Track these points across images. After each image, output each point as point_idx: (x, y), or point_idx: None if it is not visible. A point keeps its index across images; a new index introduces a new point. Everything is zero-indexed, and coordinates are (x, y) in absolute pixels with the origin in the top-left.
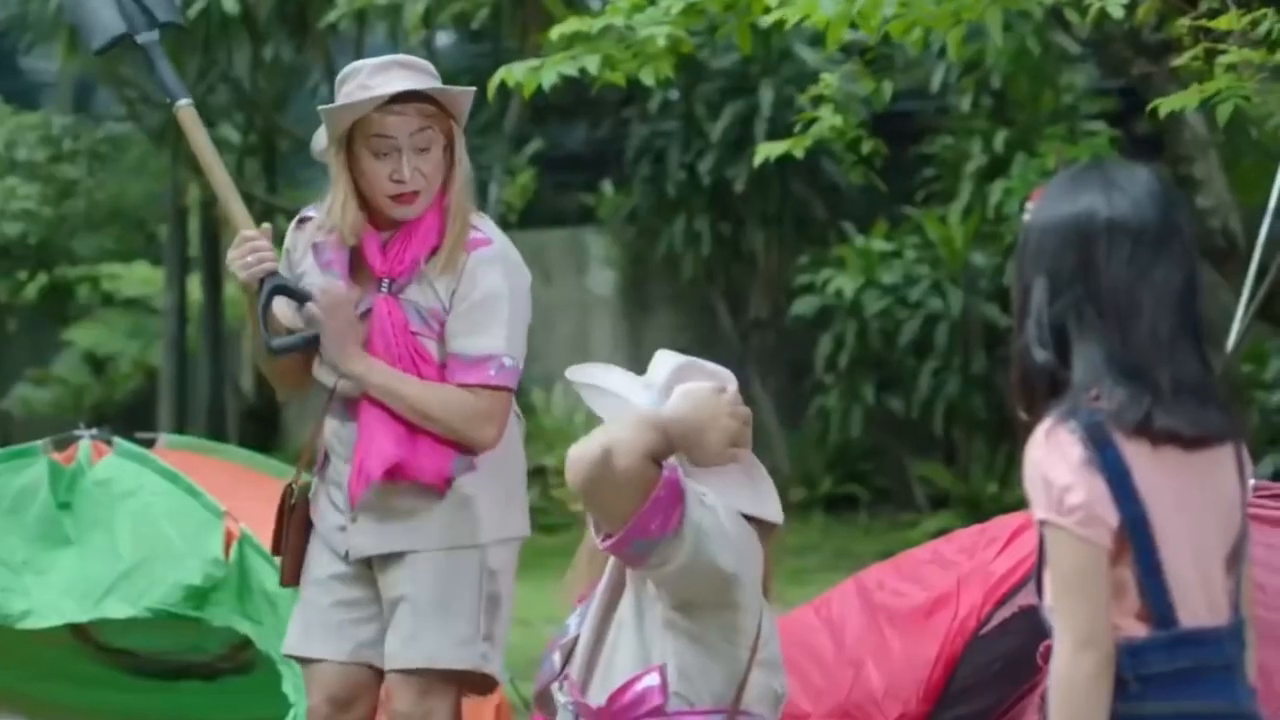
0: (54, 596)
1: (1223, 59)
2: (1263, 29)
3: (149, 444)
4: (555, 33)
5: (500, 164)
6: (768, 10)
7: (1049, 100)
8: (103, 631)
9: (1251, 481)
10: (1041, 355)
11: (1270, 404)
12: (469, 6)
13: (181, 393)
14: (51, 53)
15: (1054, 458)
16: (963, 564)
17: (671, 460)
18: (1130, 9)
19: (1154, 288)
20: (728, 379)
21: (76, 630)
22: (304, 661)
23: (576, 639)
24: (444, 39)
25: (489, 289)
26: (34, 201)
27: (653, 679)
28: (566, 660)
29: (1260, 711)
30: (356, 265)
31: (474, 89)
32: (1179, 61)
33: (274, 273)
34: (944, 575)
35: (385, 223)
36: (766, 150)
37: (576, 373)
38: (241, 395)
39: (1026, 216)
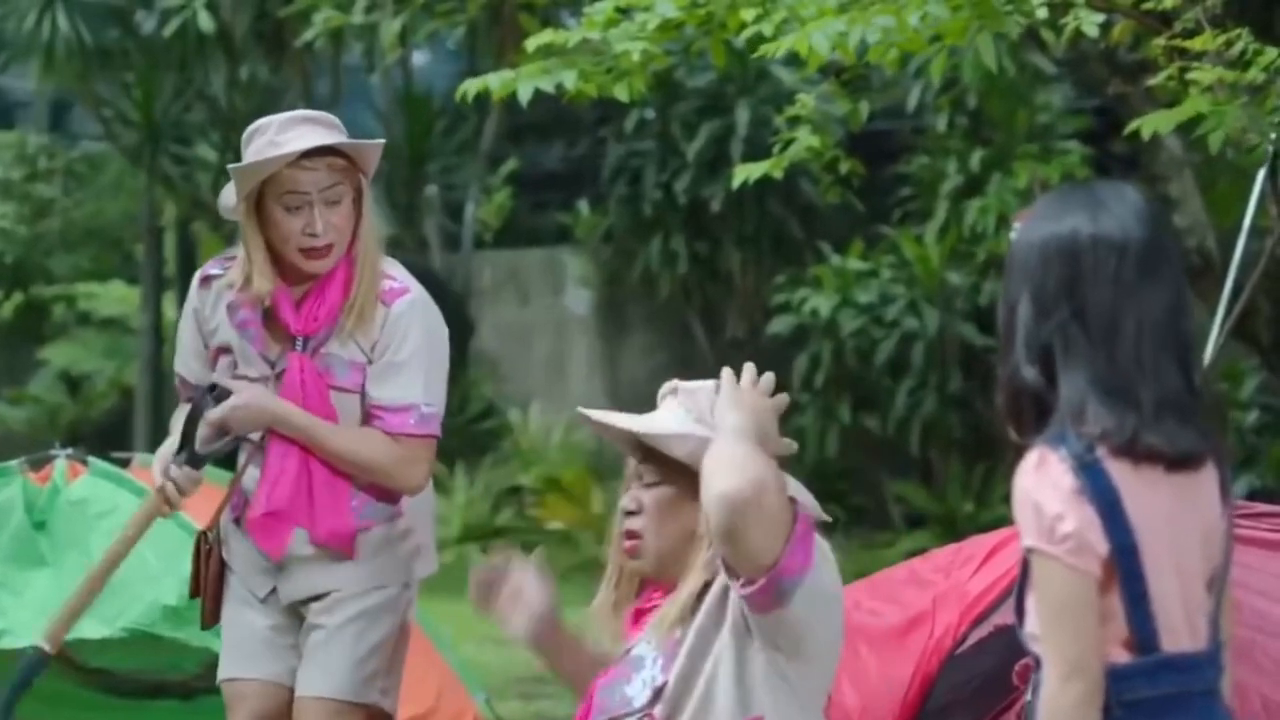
0: (29, 616)
1: (1195, 75)
2: (1237, 49)
3: (124, 463)
4: (531, 44)
5: (477, 183)
6: (743, 26)
7: (1024, 120)
8: (79, 651)
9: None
10: (1030, 374)
11: (1246, 423)
12: (444, 25)
13: (157, 412)
14: (27, 71)
15: (1044, 486)
16: (939, 583)
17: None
18: (1105, 29)
19: (1139, 307)
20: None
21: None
22: (230, 683)
23: (666, 683)
24: (420, 58)
25: (409, 339)
26: (9, 220)
27: None
28: (655, 699)
29: None
30: (270, 324)
31: (382, 142)
32: (1154, 81)
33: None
34: (920, 594)
35: (295, 278)
36: (745, 172)
37: (643, 423)
38: None
39: (1013, 235)
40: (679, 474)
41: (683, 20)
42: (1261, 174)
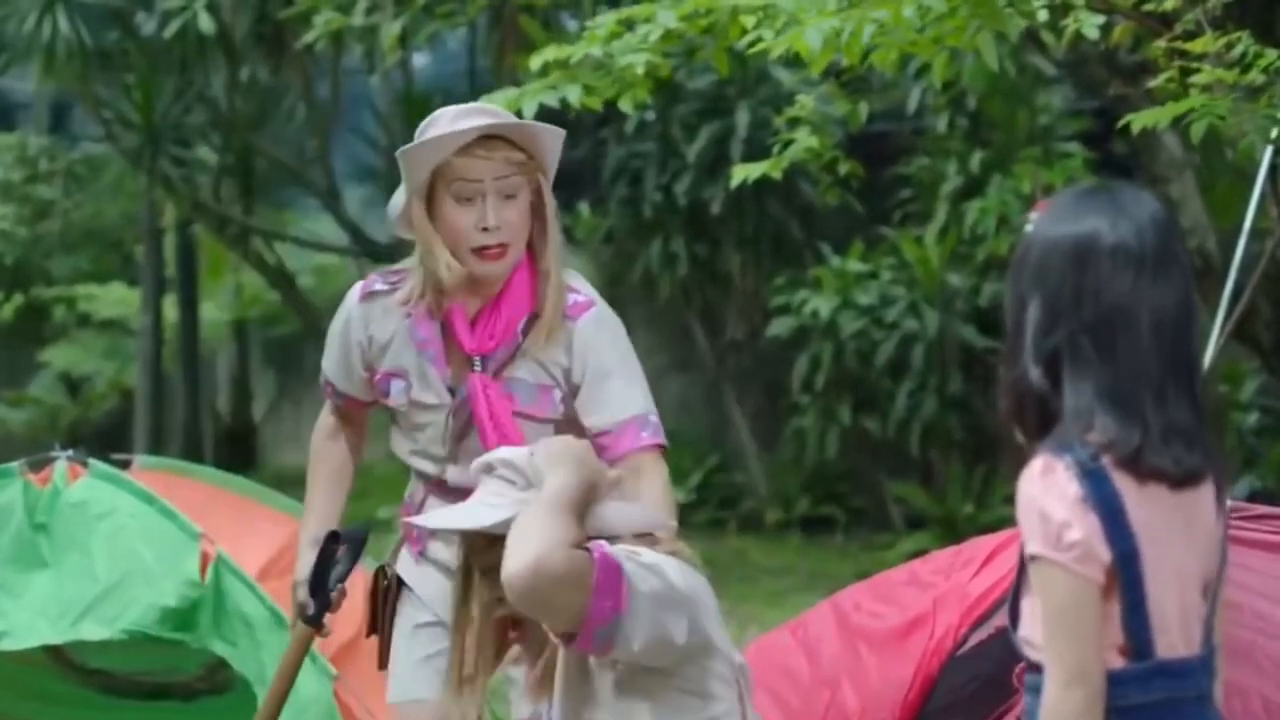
0: (29, 618)
1: (1196, 78)
2: (1237, 51)
3: (124, 465)
4: (534, 61)
5: None
6: (744, 32)
7: (1024, 121)
8: (79, 652)
9: (1227, 502)
10: (1036, 377)
11: (1246, 425)
12: (445, 27)
13: (157, 414)
14: (27, 73)
15: (1050, 493)
16: (939, 585)
17: (593, 541)
18: (1106, 30)
19: (1150, 318)
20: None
21: (52, 651)
22: (408, 705)
23: None
24: (420, 60)
25: (605, 353)
26: (9, 222)
27: None
28: None
29: None
30: (448, 344)
31: (563, 131)
32: (1155, 83)
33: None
34: (920, 596)
35: (469, 291)
36: (744, 171)
37: (472, 519)
38: (217, 416)
39: (1029, 228)
40: None
41: (685, 29)
42: (1261, 175)
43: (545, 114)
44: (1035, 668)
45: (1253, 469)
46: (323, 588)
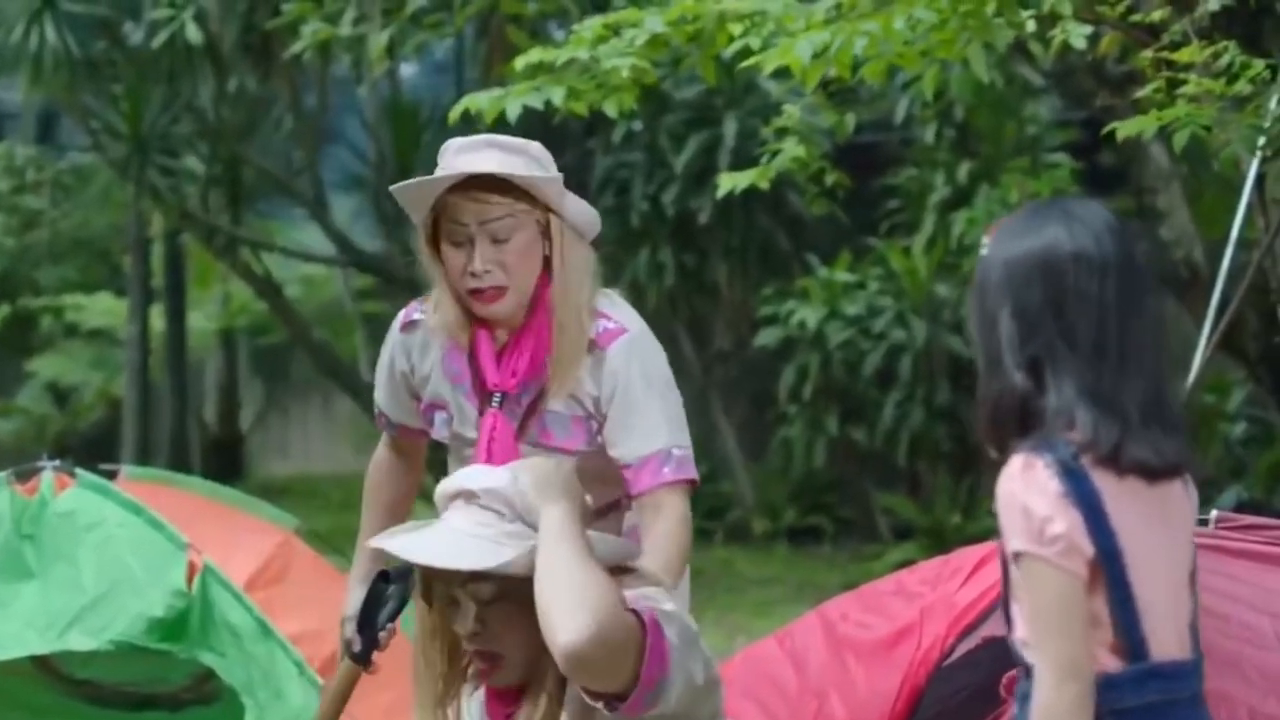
0: (17, 628)
1: (1184, 90)
2: (1224, 61)
3: (112, 475)
4: (520, 63)
5: None
6: (731, 40)
7: (1012, 132)
8: (66, 662)
9: (1214, 513)
10: (1019, 381)
11: (1233, 435)
12: (432, 37)
13: (145, 423)
14: (14, 84)
15: (1031, 490)
16: (926, 595)
17: (630, 595)
18: (1093, 41)
19: (1122, 319)
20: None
21: (39, 661)
22: None
23: None
24: (408, 70)
25: (632, 384)
26: None
27: None
28: None
29: None
30: (475, 375)
31: (559, 176)
32: (1142, 93)
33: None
34: (907, 606)
35: (493, 323)
36: (731, 181)
37: (469, 558)
38: (205, 426)
39: (984, 251)
40: (516, 582)
41: (670, 35)
42: (1248, 186)
43: (531, 120)
44: (1027, 674)
45: (1240, 479)
46: (370, 625)
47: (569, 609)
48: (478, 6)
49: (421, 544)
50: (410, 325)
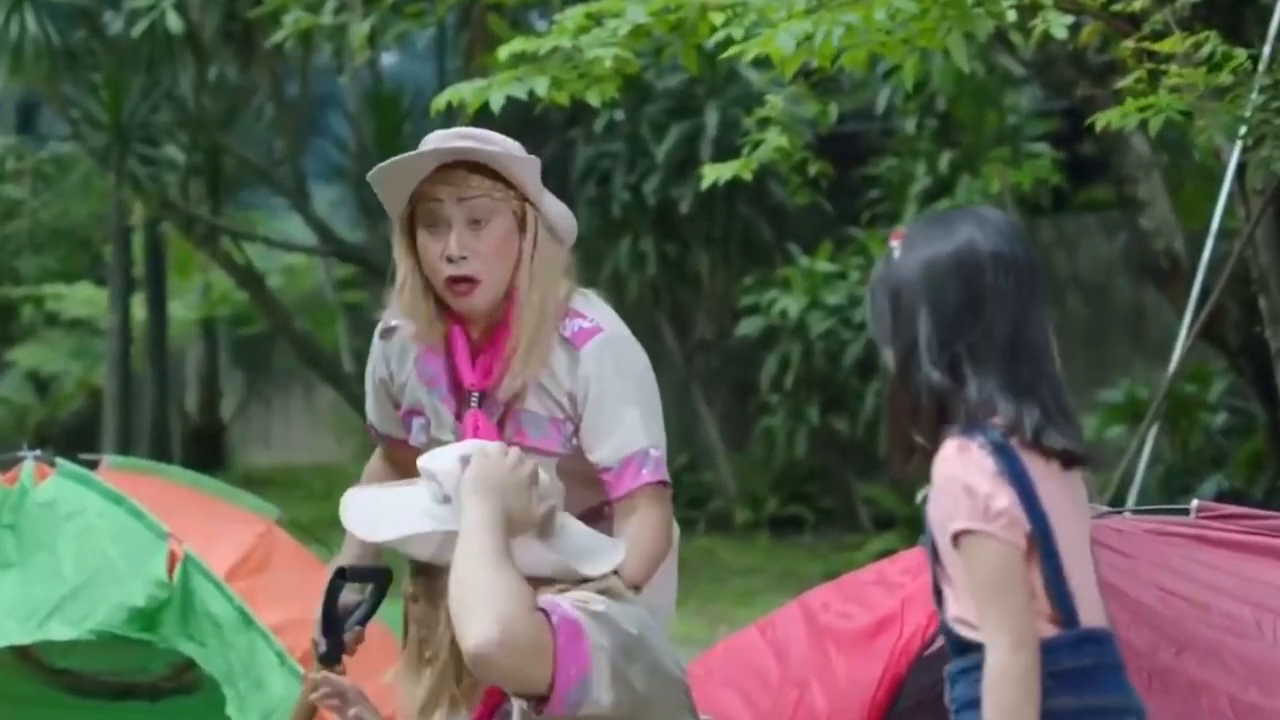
0: None
1: (1165, 80)
2: (1205, 51)
3: (92, 465)
4: (503, 52)
5: None
6: (713, 30)
7: (993, 122)
8: (45, 652)
9: (1195, 503)
10: (938, 379)
11: (1214, 425)
12: (414, 27)
13: (125, 413)
14: None
15: (970, 469)
16: (907, 585)
17: (548, 599)
18: (1074, 31)
19: (1034, 315)
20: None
21: (18, 651)
22: None
23: None
24: (389, 59)
25: (606, 384)
26: None
27: None
28: None
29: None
30: (452, 376)
31: (536, 160)
32: (1123, 83)
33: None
34: (888, 596)
35: (474, 322)
36: (714, 172)
37: (385, 529)
38: (186, 416)
39: (896, 254)
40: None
41: (653, 26)
42: (1229, 176)
43: (513, 111)
44: (964, 650)
45: (1220, 469)
46: (334, 626)
47: (474, 611)
48: None
49: (356, 507)
50: (389, 332)
